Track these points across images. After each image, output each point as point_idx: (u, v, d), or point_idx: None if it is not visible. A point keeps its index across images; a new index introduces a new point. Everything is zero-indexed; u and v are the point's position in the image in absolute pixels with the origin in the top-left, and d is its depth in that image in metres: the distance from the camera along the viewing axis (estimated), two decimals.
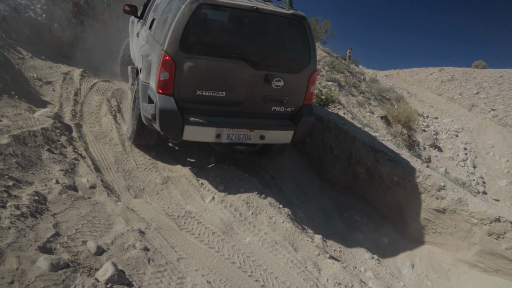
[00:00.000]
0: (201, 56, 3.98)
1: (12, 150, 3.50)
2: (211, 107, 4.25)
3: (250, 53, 4.15)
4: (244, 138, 4.38)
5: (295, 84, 4.45)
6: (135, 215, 3.54)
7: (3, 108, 4.36)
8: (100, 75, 7.71)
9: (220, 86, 4.13)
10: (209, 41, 4.03)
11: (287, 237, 4.10)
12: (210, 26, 4.11)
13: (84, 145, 4.68)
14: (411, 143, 12.67)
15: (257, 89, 4.29)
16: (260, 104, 4.40)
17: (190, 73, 3.97)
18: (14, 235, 2.38)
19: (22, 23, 6.76)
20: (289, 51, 4.49)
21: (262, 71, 4.22)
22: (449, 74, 22.19)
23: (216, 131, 4.21)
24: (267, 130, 4.42)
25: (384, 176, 5.64)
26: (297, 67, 4.42)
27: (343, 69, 13.72)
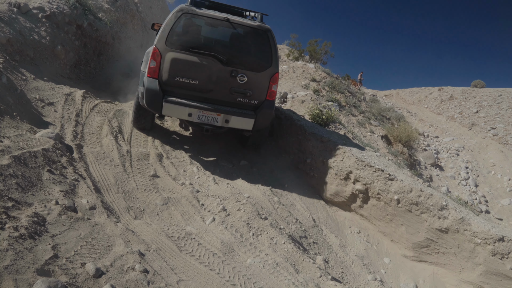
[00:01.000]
0: (181, 51, 5.18)
1: (12, 171, 3.49)
2: (187, 91, 5.35)
3: (219, 52, 5.26)
4: (212, 120, 5.45)
5: (258, 81, 5.49)
6: (135, 236, 3.50)
7: (4, 129, 4.38)
8: (102, 96, 7.78)
9: (194, 75, 5.25)
10: (188, 40, 5.22)
11: (289, 258, 4.04)
12: (189, 29, 5.31)
13: (85, 165, 4.67)
14: (412, 162, 12.65)
15: (224, 81, 5.36)
16: (227, 94, 5.44)
17: (171, 63, 5.19)
18: (11, 257, 2.35)
19: (26, 45, 6.86)
20: (253, 54, 5.52)
21: (228, 67, 5.32)
22: (448, 94, 22.36)
23: (188, 111, 5.32)
24: (231, 116, 5.44)
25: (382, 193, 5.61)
26: (259, 67, 5.48)
27: (343, 89, 13.84)
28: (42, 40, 7.46)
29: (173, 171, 5.38)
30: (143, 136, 6.17)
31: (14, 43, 6.55)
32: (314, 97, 10.83)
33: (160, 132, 6.51)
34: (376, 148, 9.76)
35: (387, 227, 5.87)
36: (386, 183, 5.75)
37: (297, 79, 13.85)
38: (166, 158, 5.65)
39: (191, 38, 5.28)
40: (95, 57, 9.65)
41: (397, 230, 5.75)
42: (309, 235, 5.08)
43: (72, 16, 8.74)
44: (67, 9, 8.65)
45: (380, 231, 5.99)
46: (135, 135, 6.10)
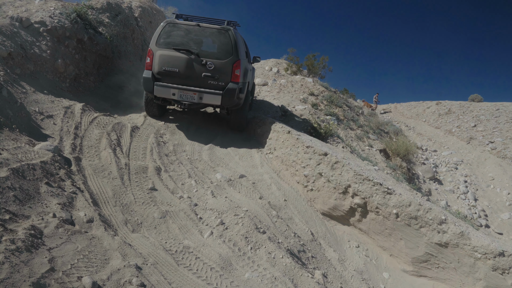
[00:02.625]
0: (166, 49, 7.11)
1: (10, 183, 3.49)
2: (171, 78, 7.14)
3: (192, 48, 7.12)
4: (190, 98, 7.15)
5: (223, 67, 7.12)
6: (132, 250, 3.48)
7: (3, 141, 4.38)
8: (101, 109, 7.80)
9: (175, 65, 7.09)
10: (170, 41, 7.15)
11: (287, 272, 4.01)
12: (171, 34, 7.20)
13: (83, 178, 4.66)
14: (411, 176, 12.65)
15: (198, 69, 7.08)
16: (200, 79, 7.11)
17: (159, 58, 7.10)
18: (7, 271, 2.33)
19: (27, 59, 6.91)
20: (218, 47, 7.22)
21: (200, 58, 7.06)
22: (446, 108, 22.50)
23: (172, 91, 7.10)
24: (204, 94, 7.11)
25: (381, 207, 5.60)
26: (223, 57, 7.16)
27: (341, 103, 13.91)
28: (42, 53, 7.52)
29: (171, 184, 5.37)
30: (141, 149, 6.18)
31: (15, 57, 6.60)
32: (312, 111, 10.89)
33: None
34: (374, 162, 9.77)
35: (386, 241, 5.84)
36: (385, 197, 5.74)
37: (295, 93, 13.93)
38: (165, 171, 5.65)
39: (173, 39, 7.18)
40: (94, 71, 9.71)
41: (396, 244, 5.72)
42: (308, 249, 5.05)
43: (73, 30, 8.83)
44: (68, 23, 8.74)
45: (379, 245, 5.95)
46: (133, 148, 6.11)
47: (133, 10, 13.89)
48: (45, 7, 8.95)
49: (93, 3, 11.35)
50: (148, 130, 7.08)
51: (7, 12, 8.07)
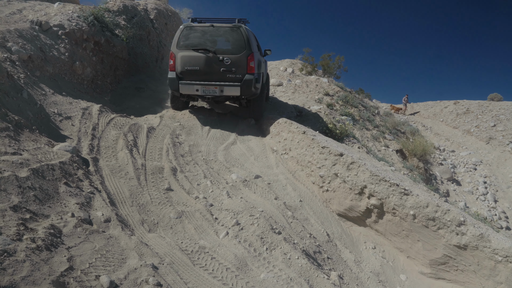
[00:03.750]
0: (186, 50, 7.78)
1: (30, 183, 3.56)
2: (193, 76, 7.80)
3: (209, 46, 7.77)
4: (212, 92, 7.82)
5: (238, 61, 7.75)
6: (149, 249, 3.51)
7: (24, 142, 4.48)
8: (118, 111, 7.91)
9: (196, 64, 7.75)
10: (189, 43, 7.83)
11: (303, 273, 3.99)
12: (189, 35, 7.87)
13: (100, 179, 4.73)
14: (428, 177, 12.45)
15: (216, 65, 7.73)
16: (219, 73, 7.76)
17: (181, 59, 7.79)
18: (28, 269, 2.38)
19: (46, 61, 7.06)
20: (232, 43, 7.84)
21: (217, 55, 7.71)
22: (464, 107, 22.07)
23: (195, 87, 7.79)
24: (224, 87, 7.76)
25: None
26: (238, 52, 7.78)
27: (357, 103, 13.79)
28: (61, 56, 7.67)
29: (187, 184, 5.40)
30: (157, 150, 6.24)
31: (35, 59, 6.74)
32: (327, 111, 10.82)
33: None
34: (390, 163, 9.65)
35: (403, 242, 5.76)
36: (402, 198, 5.66)
37: (310, 94, 13.87)
38: (180, 172, 5.69)
39: (191, 41, 7.85)
40: (111, 72, 9.85)
41: (413, 246, 5.64)
42: (323, 250, 5.02)
43: (90, 33, 8.98)
44: (86, 26, 8.89)
45: (396, 247, 5.87)
46: (149, 149, 6.17)
47: (149, 12, 14.04)
48: (63, 10, 9.12)
49: (109, 6, 11.53)
50: (164, 131, 7.14)
51: (27, 16, 8.26)
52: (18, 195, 3.29)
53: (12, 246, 2.49)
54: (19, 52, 6.42)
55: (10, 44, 6.40)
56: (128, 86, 10.22)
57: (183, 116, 8.23)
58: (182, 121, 7.95)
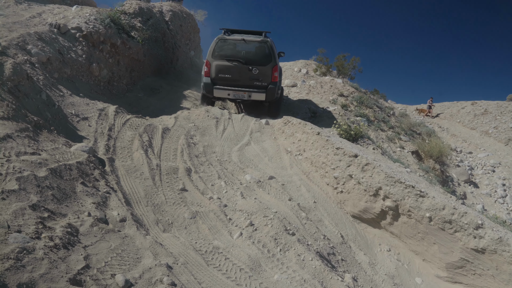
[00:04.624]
0: (220, 60, 8.98)
1: (49, 183, 3.63)
2: (226, 82, 9.06)
3: (241, 57, 9.01)
4: (241, 96, 9.15)
5: (265, 71, 9.04)
6: (163, 249, 3.54)
7: (42, 142, 4.57)
8: (134, 111, 8.01)
9: (228, 72, 9.01)
10: (223, 53, 9.01)
11: (316, 275, 3.97)
12: (223, 47, 9.03)
13: (116, 179, 4.80)
14: (445, 179, 12.26)
15: (246, 74, 9.01)
16: (248, 81, 9.07)
17: (216, 67, 9.00)
18: (46, 266, 2.43)
19: (64, 63, 7.20)
20: (260, 56, 9.12)
21: (247, 65, 8.97)
22: (482, 108, 21.64)
23: (227, 92, 9.11)
24: (252, 93, 9.10)
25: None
26: (265, 63, 9.07)
27: (372, 104, 13.66)
28: (78, 58, 7.81)
29: (201, 185, 5.43)
30: (172, 150, 6.29)
31: (53, 62, 6.89)
32: (342, 112, 10.75)
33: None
34: (406, 164, 9.53)
35: (418, 245, 5.68)
36: (417, 200, 5.59)
37: (324, 94, 13.80)
38: (195, 172, 5.72)
39: (224, 52, 9.04)
40: (127, 74, 9.99)
41: (429, 249, 5.55)
42: (338, 252, 4.98)
43: (107, 35, 9.12)
44: (102, 28, 9.03)
45: (411, 249, 5.80)
46: (164, 149, 6.23)
47: (164, 14, 14.18)
48: (81, 13, 9.29)
49: (125, 8, 11.69)
50: (178, 131, 7.20)
51: (47, 20, 8.44)
52: (37, 194, 3.37)
53: (31, 244, 2.55)
54: (38, 55, 6.56)
55: (30, 47, 6.54)
56: (143, 87, 10.35)
57: (198, 117, 8.29)
58: (196, 122, 8.01)
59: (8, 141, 3.97)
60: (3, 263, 2.25)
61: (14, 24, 7.55)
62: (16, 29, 7.18)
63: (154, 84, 10.89)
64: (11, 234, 2.54)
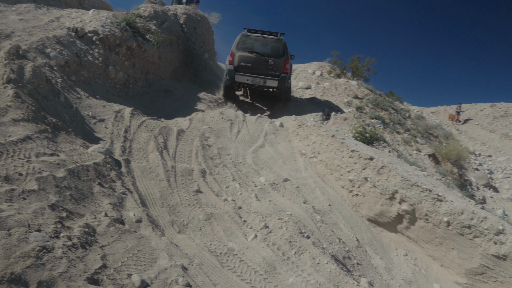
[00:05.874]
0: (243, 51, 10.59)
1: (67, 183, 3.69)
2: (246, 70, 10.59)
3: (259, 50, 10.70)
4: (258, 82, 10.64)
5: (278, 62, 10.65)
6: (179, 250, 3.56)
7: (61, 143, 4.65)
8: (149, 113, 8.08)
9: (248, 62, 10.57)
10: (245, 46, 10.68)
11: (332, 279, 3.93)
12: (246, 41, 10.76)
13: (132, 180, 4.84)
14: (463, 183, 12.03)
15: (263, 64, 10.58)
16: (264, 70, 10.61)
17: (239, 57, 10.56)
18: (65, 265, 2.45)
19: (81, 66, 7.31)
20: (275, 50, 10.82)
21: (265, 57, 10.56)
22: (502, 110, 21.21)
23: (246, 78, 10.59)
24: (267, 79, 10.59)
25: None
26: (278, 56, 10.72)
27: (387, 106, 13.51)
28: (95, 61, 7.93)
29: (216, 187, 5.44)
30: (187, 152, 6.32)
31: (71, 64, 7.00)
32: (357, 114, 10.66)
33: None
34: (423, 167, 9.39)
35: (436, 250, 5.58)
36: (435, 204, 5.49)
37: (339, 96, 13.71)
38: (209, 174, 5.74)
39: (247, 45, 10.79)
40: (142, 76, 10.09)
41: (447, 254, 5.45)
42: (353, 256, 4.93)
43: (123, 38, 9.23)
44: (118, 31, 9.16)
45: (428, 254, 5.69)
46: (179, 151, 6.26)
47: (179, 17, 14.30)
48: (97, 17, 9.44)
49: (141, 12, 11.82)
50: (193, 133, 7.23)
51: (65, 23, 8.59)
52: (56, 194, 3.42)
53: (50, 243, 2.58)
54: (56, 58, 6.68)
55: (48, 50, 6.67)
56: (158, 89, 10.44)
57: (212, 119, 8.32)
58: (211, 124, 8.04)
59: (28, 142, 4.04)
60: (24, 261, 2.29)
61: (34, 28, 7.71)
62: (35, 33, 7.34)
63: (169, 86, 10.98)
64: (31, 233, 2.58)
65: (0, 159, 3.51)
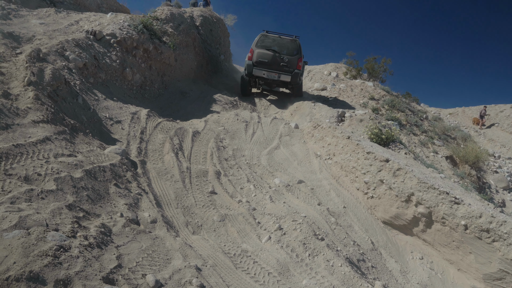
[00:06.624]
0: (261, 49, 11.91)
1: (84, 184, 3.76)
2: (263, 65, 11.83)
3: (276, 48, 11.96)
4: (273, 76, 11.81)
5: (292, 60, 11.82)
6: (193, 251, 3.59)
7: (78, 145, 4.74)
8: (165, 115, 8.17)
9: (265, 58, 11.83)
10: (264, 44, 12.00)
11: (346, 282, 3.90)
12: (264, 40, 12.05)
13: (147, 181, 4.90)
14: (481, 186, 11.77)
15: (278, 60, 11.76)
16: (279, 66, 11.76)
17: (257, 54, 11.89)
18: (81, 264, 2.51)
19: (99, 68, 7.45)
20: (290, 49, 11.98)
21: (280, 54, 11.82)
22: None
23: (263, 72, 11.82)
24: (281, 74, 11.76)
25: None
26: (292, 54, 11.90)
27: (404, 107, 13.34)
28: (113, 63, 8.06)
29: (230, 188, 5.47)
30: (202, 153, 6.37)
31: (89, 67, 7.14)
32: (373, 116, 10.55)
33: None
34: (440, 169, 9.24)
35: (453, 254, 5.48)
36: (452, 207, 5.40)
37: (355, 98, 13.60)
38: (224, 175, 5.77)
39: (265, 44, 11.99)
40: (159, 78, 10.21)
41: (465, 258, 5.35)
42: (368, 259, 4.88)
43: (140, 41, 9.36)
44: (135, 34, 9.29)
45: (445, 258, 5.60)
46: (194, 153, 6.31)
47: (195, 19, 14.42)
48: (115, 20, 9.59)
49: (158, 14, 11.97)
50: (208, 135, 7.28)
51: (83, 27, 8.77)
52: (73, 195, 3.49)
53: (67, 242, 2.64)
54: (75, 61, 6.82)
55: (67, 53, 6.81)
56: (174, 91, 10.54)
57: (227, 121, 8.36)
58: (226, 126, 8.08)
59: (47, 143, 4.14)
60: (42, 259, 2.35)
61: (54, 32, 7.89)
62: (55, 36, 7.51)
63: (185, 88, 11.08)
64: (49, 232, 2.64)
65: (20, 160, 3.60)
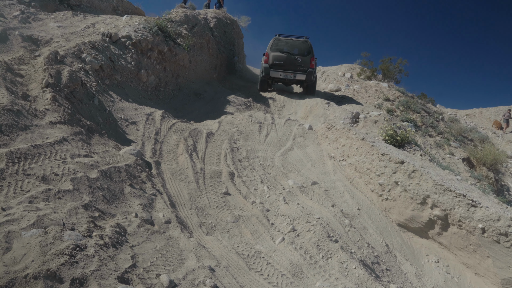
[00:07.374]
0: (276, 52, 12.89)
1: (99, 184, 3.82)
2: (279, 67, 12.81)
3: (289, 50, 12.96)
4: (289, 76, 12.82)
5: (305, 60, 12.77)
6: (206, 252, 3.60)
7: (94, 145, 4.81)
8: (179, 116, 8.24)
9: (281, 60, 12.80)
10: (278, 47, 12.99)
11: (360, 284, 3.87)
12: (278, 43, 13.02)
13: (162, 181, 4.95)
14: (499, 188, 11.52)
15: (293, 61, 12.76)
16: (294, 66, 12.76)
17: (272, 56, 12.81)
18: (97, 263, 2.54)
19: (115, 70, 7.55)
20: (303, 50, 12.95)
21: (294, 56, 12.78)
22: None
23: (279, 73, 12.81)
24: (296, 74, 12.75)
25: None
26: (305, 54, 12.85)
27: (419, 108, 13.16)
28: (128, 65, 8.16)
29: (244, 189, 5.48)
30: (216, 154, 6.40)
31: (105, 69, 7.25)
32: (387, 117, 10.44)
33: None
34: (456, 172, 9.08)
35: (470, 258, 5.38)
36: (469, 210, 5.30)
37: (369, 99, 13.48)
38: (238, 176, 5.78)
39: (279, 46, 12.88)
40: (173, 80, 10.29)
41: (482, 262, 5.24)
42: (382, 261, 4.83)
43: (154, 43, 9.46)
44: (150, 36, 9.39)
45: (462, 262, 5.50)
46: (208, 154, 6.34)
47: (209, 21, 14.51)
48: (130, 22, 9.72)
49: (172, 16, 12.08)
50: (222, 136, 7.31)
51: (99, 29, 8.91)
52: (89, 195, 3.55)
53: (83, 241, 2.68)
54: (91, 63, 6.93)
55: (84, 55, 6.93)
56: (188, 92, 10.62)
57: (241, 122, 8.38)
58: (240, 127, 8.10)
59: (64, 144, 4.21)
60: (59, 258, 2.39)
61: (71, 34, 8.04)
62: (72, 39, 7.65)
63: (199, 89, 11.15)
64: (66, 232, 2.69)
65: (38, 160, 3.68)
